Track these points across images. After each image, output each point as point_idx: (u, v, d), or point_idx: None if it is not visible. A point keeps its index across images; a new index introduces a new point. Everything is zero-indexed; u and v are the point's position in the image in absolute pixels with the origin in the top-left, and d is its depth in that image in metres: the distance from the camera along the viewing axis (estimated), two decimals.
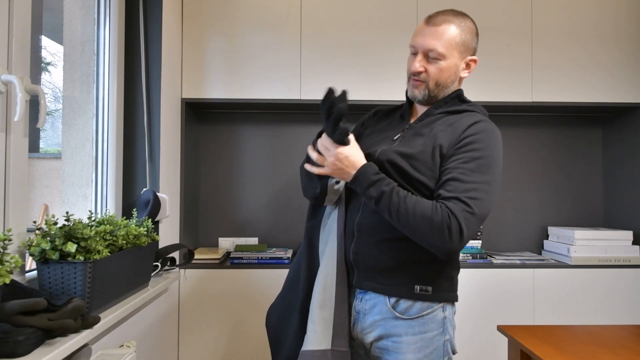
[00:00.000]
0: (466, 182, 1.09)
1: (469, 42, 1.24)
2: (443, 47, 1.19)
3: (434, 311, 1.18)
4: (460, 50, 1.22)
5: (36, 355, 0.94)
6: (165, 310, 2.01)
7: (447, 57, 1.20)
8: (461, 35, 1.22)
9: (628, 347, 1.46)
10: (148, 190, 1.84)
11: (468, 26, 1.24)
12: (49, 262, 1.14)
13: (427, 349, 1.17)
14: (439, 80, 1.23)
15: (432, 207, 1.07)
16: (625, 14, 2.40)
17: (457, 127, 1.18)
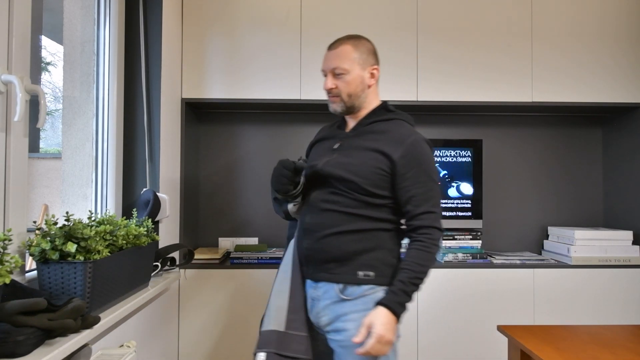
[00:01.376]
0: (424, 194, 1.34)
1: (366, 56, 1.43)
2: (344, 63, 1.40)
3: (376, 292, 1.33)
4: (359, 63, 1.42)
5: (36, 355, 0.94)
6: (165, 310, 2.01)
7: (349, 71, 1.40)
8: (357, 52, 1.41)
9: (628, 347, 1.46)
10: (148, 190, 1.84)
11: (363, 44, 1.44)
12: (49, 262, 1.14)
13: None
14: (349, 91, 1.42)
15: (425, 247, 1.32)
16: (625, 14, 2.40)
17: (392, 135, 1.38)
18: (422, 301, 2.22)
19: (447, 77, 2.36)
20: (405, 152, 1.34)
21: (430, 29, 2.36)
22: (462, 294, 2.23)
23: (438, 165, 2.49)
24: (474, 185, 2.49)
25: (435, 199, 1.35)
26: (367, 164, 1.35)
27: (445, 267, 2.25)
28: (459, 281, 2.23)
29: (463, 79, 2.36)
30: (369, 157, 1.36)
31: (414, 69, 2.35)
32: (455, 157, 2.49)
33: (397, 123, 1.42)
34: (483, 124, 2.69)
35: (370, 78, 1.45)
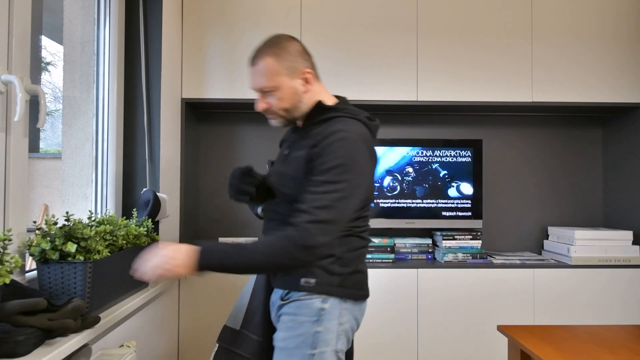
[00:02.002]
0: (315, 193, 1.14)
1: (292, 63, 1.27)
2: (269, 81, 1.25)
3: (312, 299, 1.22)
4: (286, 74, 1.26)
5: (36, 355, 0.94)
6: (165, 310, 2.01)
7: (278, 87, 1.26)
8: (280, 62, 1.26)
9: (628, 347, 1.46)
10: (148, 190, 1.84)
11: (285, 50, 1.27)
12: (49, 262, 1.14)
13: (294, 331, 1.22)
14: (284, 107, 1.29)
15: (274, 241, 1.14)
16: (625, 14, 2.40)
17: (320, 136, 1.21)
18: (422, 301, 2.22)
19: (447, 77, 2.36)
20: (318, 150, 1.18)
21: (431, 29, 2.36)
22: (462, 294, 2.23)
23: (438, 166, 2.49)
24: (474, 185, 2.49)
25: (323, 201, 1.12)
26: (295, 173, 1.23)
27: (445, 267, 2.25)
28: (459, 281, 2.23)
29: (463, 79, 2.36)
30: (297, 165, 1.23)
31: (414, 69, 2.35)
32: (455, 157, 2.49)
33: (335, 121, 1.25)
34: (483, 124, 2.69)
35: (305, 84, 1.29)
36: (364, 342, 2.19)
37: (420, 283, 2.22)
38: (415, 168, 2.48)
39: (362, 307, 1.30)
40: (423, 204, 2.48)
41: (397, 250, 2.41)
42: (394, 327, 2.20)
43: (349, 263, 1.26)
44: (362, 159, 1.20)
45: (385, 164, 2.48)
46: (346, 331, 1.25)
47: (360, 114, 1.29)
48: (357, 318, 1.29)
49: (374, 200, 2.48)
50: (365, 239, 1.30)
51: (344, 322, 1.25)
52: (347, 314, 1.25)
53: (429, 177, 2.48)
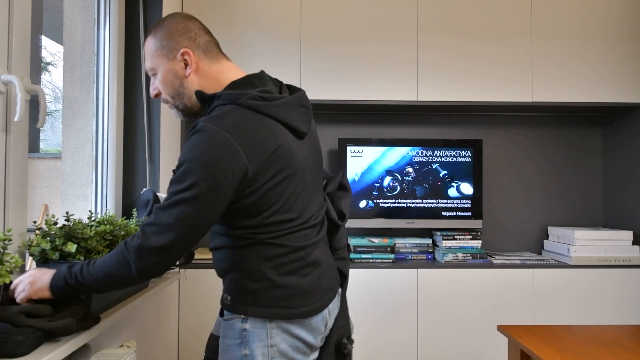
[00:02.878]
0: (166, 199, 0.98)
1: (167, 42, 1.11)
2: (149, 61, 1.14)
3: (233, 319, 1.08)
4: (163, 55, 1.12)
5: (36, 355, 0.94)
6: (165, 310, 2.01)
7: (156, 68, 1.13)
8: (157, 43, 1.12)
9: (628, 347, 1.46)
10: (148, 190, 1.84)
11: (163, 28, 1.13)
12: (49, 262, 1.14)
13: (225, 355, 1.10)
14: (168, 91, 1.14)
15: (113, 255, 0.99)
16: (625, 14, 2.40)
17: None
18: (422, 301, 2.22)
19: (447, 77, 2.36)
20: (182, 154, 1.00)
21: (431, 29, 2.36)
22: (462, 294, 2.23)
23: (438, 166, 2.49)
24: (474, 185, 2.49)
25: (160, 213, 0.96)
26: None
27: (445, 267, 2.25)
28: (459, 281, 2.23)
29: (463, 78, 2.36)
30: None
31: (414, 69, 2.35)
32: (455, 157, 2.49)
33: (217, 110, 1.04)
34: (483, 124, 2.69)
35: (185, 67, 1.11)
36: (364, 342, 2.19)
37: (420, 283, 2.22)
38: (415, 168, 2.48)
39: (307, 323, 1.08)
40: (423, 204, 2.48)
41: (397, 250, 2.41)
42: (394, 327, 2.20)
43: (261, 277, 1.06)
44: (204, 163, 0.95)
45: (385, 164, 2.48)
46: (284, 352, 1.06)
47: (241, 96, 1.02)
48: (302, 337, 1.08)
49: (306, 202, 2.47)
50: (284, 246, 1.06)
51: (277, 343, 1.06)
52: (280, 333, 1.06)
53: (429, 177, 2.48)
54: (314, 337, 1.10)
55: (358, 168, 2.47)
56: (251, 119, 1.00)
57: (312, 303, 1.09)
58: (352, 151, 2.46)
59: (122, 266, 0.97)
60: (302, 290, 1.08)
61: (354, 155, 2.47)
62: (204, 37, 1.13)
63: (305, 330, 1.08)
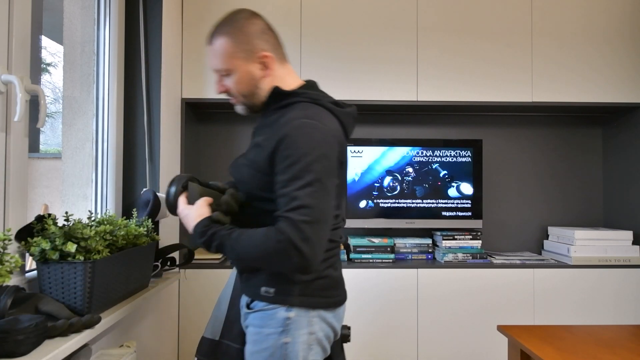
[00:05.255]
0: (286, 195, 1.03)
1: (247, 45, 1.16)
2: (223, 62, 1.16)
3: (276, 309, 1.13)
4: (241, 57, 1.16)
5: (36, 355, 0.94)
6: (165, 310, 2.01)
7: (232, 70, 1.17)
8: (235, 44, 1.15)
9: (628, 347, 1.46)
10: (148, 190, 1.84)
11: (240, 30, 1.16)
12: (49, 262, 1.14)
13: (261, 345, 1.14)
14: (241, 91, 1.19)
15: (263, 238, 1.04)
16: (625, 14, 2.40)
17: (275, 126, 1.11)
18: (422, 301, 2.22)
19: (447, 77, 2.36)
20: (277, 144, 1.06)
21: (431, 29, 2.36)
22: (462, 294, 2.23)
23: (438, 166, 2.49)
24: (474, 185, 2.49)
25: (299, 201, 1.01)
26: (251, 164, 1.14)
27: (445, 267, 2.25)
28: (459, 281, 2.23)
29: (463, 79, 2.36)
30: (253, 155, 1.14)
31: (414, 69, 2.35)
32: (455, 157, 2.49)
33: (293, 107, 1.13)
34: (483, 124, 2.69)
35: (263, 69, 1.17)
36: (364, 342, 2.19)
37: (420, 283, 2.22)
38: (415, 168, 2.48)
39: (337, 313, 1.19)
40: (423, 204, 2.48)
41: (397, 250, 2.41)
42: (394, 326, 2.20)
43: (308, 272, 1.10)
44: (327, 145, 1.06)
45: (385, 163, 2.48)
46: (319, 340, 1.15)
47: (323, 99, 1.15)
48: (334, 325, 1.18)
49: (344, 197, 2.48)
50: (332, 241, 1.15)
51: (316, 331, 1.14)
52: (319, 322, 1.14)
53: (429, 177, 2.48)
54: (339, 325, 1.21)
55: (358, 168, 2.47)
56: (331, 118, 1.13)
57: (342, 293, 1.22)
58: (352, 151, 2.46)
59: (274, 259, 1.04)
60: (336, 281, 1.19)
61: (354, 155, 2.47)
62: (274, 38, 1.20)
63: (336, 319, 1.19)
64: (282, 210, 1.03)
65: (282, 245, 1.00)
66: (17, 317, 0.96)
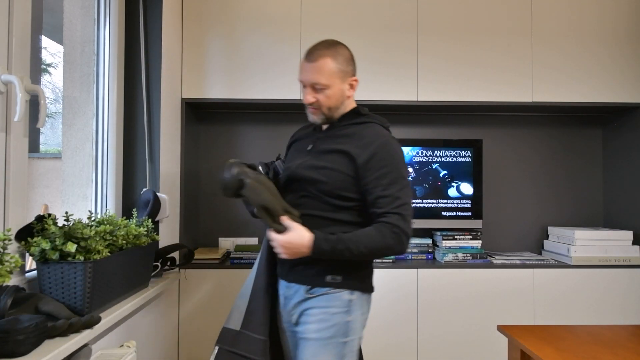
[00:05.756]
0: (388, 196, 1.30)
1: (345, 67, 1.40)
2: (325, 79, 1.36)
3: (341, 292, 1.35)
4: (339, 77, 1.39)
5: (36, 355, 0.94)
6: (165, 310, 2.01)
7: (330, 86, 1.37)
8: (336, 64, 1.38)
9: (628, 347, 1.46)
10: (148, 190, 1.84)
11: (341, 54, 1.41)
12: (49, 262, 1.14)
13: (327, 322, 1.33)
14: (329, 105, 1.39)
15: (380, 234, 1.29)
16: (625, 14, 2.40)
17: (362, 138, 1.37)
18: (422, 301, 2.22)
19: (447, 77, 2.36)
20: (371, 155, 1.32)
21: (430, 29, 2.36)
22: (462, 294, 2.23)
23: (438, 166, 2.49)
24: (474, 185, 2.49)
25: (402, 200, 1.31)
26: (334, 167, 1.34)
27: (445, 267, 2.25)
28: (459, 281, 2.23)
29: (463, 79, 2.36)
30: (336, 159, 1.35)
31: (414, 69, 2.35)
32: (455, 157, 2.49)
33: (369, 126, 1.41)
34: (483, 124, 2.69)
35: (350, 89, 1.42)
36: (364, 342, 2.18)
37: (420, 283, 2.22)
38: (415, 168, 2.48)
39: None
40: (423, 204, 2.48)
41: None
42: (394, 327, 2.20)
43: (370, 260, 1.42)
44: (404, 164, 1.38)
45: None
46: (365, 320, 1.40)
47: (385, 123, 1.46)
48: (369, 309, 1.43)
49: None
50: None
51: (365, 312, 1.40)
52: (367, 304, 1.40)
53: (429, 177, 2.48)
54: None
55: None
56: None
57: None
58: None
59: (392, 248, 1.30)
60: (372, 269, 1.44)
61: None
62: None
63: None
64: (389, 207, 1.29)
65: (397, 235, 1.28)
66: (17, 317, 0.96)
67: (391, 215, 1.29)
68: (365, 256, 1.31)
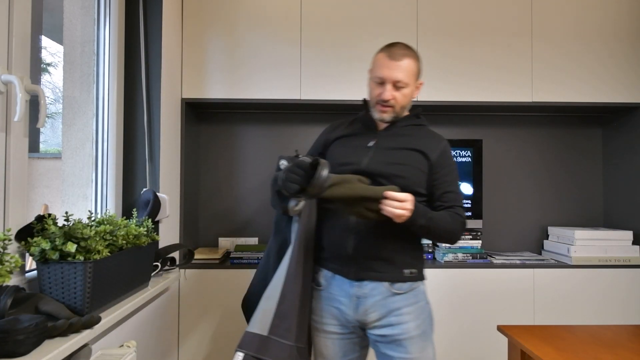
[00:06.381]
0: (453, 192, 1.46)
1: (419, 71, 1.52)
2: (407, 77, 1.45)
3: (419, 285, 1.46)
4: (415, 78, 1.49)
5: (36, 355, 0.94)
6: (165, 310, 2.01)
7: (408, 85, 1.46)
8: (417, 67, 1.49)
9: (628, 347, 1.46)
10: (148, 190, 1.84)
11: (418, 59, 1.52)
12: (49, 262, 1.14)
13: (422, 315, 1.43)
14: (403, 103, 1.49)
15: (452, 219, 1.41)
16: (625, 14, 2.40)
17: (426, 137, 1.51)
18: None
19: (447, 77, 2.36)
20: (441, 154, 1.47)
21: (430, 29, 2.36)
22: (462, 294, 2.23)
23: None
24: (474, 185, 2.49)
25: (462, 197, 1.49)
26: (410, 164, 1.43)
27: (445, 267, 2.25)
28: (459, 281, 2.23)
29: (463, 79, 2.36)
30: (411, 156, 1.44)
31: None
32: (455, 157, 2.49)
33: (423, 128, 1.54)
34: (483, 124, 2.69)
35: (416, 91, 1.53)
36: None
37: None
38: None
39: None
40: None
41: None
42: None
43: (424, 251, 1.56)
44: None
45: None
46: None
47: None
48: None
49: None
50: None
51: None
52: None
53: None
54: None
55: None
56: None
57: None
58: None
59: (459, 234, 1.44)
60: None
61: None
62: None
63: None
64: (455, 202, 1.43)
65: (462, 225, 1.43)
66: (17, 317, 0.96)
67: (457, 208, 1.43)
68: (438, 235, 1.40)
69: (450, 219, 1.41)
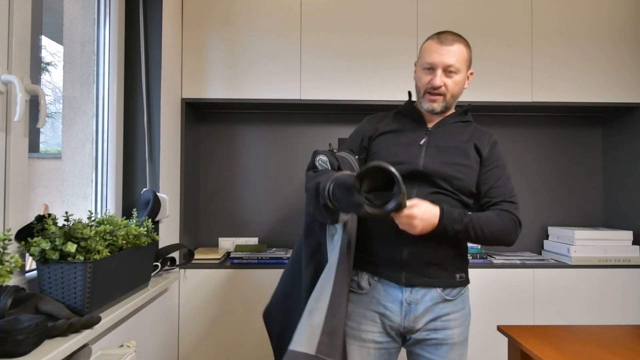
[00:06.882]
0: (504, 187, 1.37)
1: (470, 58, 1.45)
2: (459, 62, 1.38)
3: (466, 290, 1.44)
4: (467, 65, 1.43)
5: (36, 355, 0.94)
6: (165, 310, 2.01)
7: (460, 71, 1.39)
8: (468, 53, 1.43)
9: (628, 347, 1.46)
10: (148, 190, 1.84)
11: (469, 45, 1.46)
12: (49, 262, 1.14)
13: (467, 322, 1.43)
14: (454, 92, 1.41)
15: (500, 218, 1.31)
16: (625, 14, 2.40)
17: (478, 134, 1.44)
18: None
19: None
20: (490, 148, 1.42)
21: (431, 29, 2.36)
22: None
23: None
24: None
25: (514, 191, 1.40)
26: (468, 163, 1.37)
27: None
28: None
29: None
30: (467, 155, 1.38)
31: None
32: None
33: (474, 126, 1.48)
34: (483, 124, 2.69)
35: (466, 81, 1.46)
36: None
37: None
38: None
39: None
40: None
41: None
42: None
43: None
44: None
45: None
46: None
47: None
48: None
49: None
50: None
51: None
52: None
53: None
54: None
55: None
56: None
57: None
58: None
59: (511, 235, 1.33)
60: None
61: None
62: None
63: None
64: (505, 197, 1.35)
65: (514, 222, 1.32)
66: (17, 317, 0.96)
67: (507, 203, 1.34)
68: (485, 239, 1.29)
69: (497, 217, 1.31)
